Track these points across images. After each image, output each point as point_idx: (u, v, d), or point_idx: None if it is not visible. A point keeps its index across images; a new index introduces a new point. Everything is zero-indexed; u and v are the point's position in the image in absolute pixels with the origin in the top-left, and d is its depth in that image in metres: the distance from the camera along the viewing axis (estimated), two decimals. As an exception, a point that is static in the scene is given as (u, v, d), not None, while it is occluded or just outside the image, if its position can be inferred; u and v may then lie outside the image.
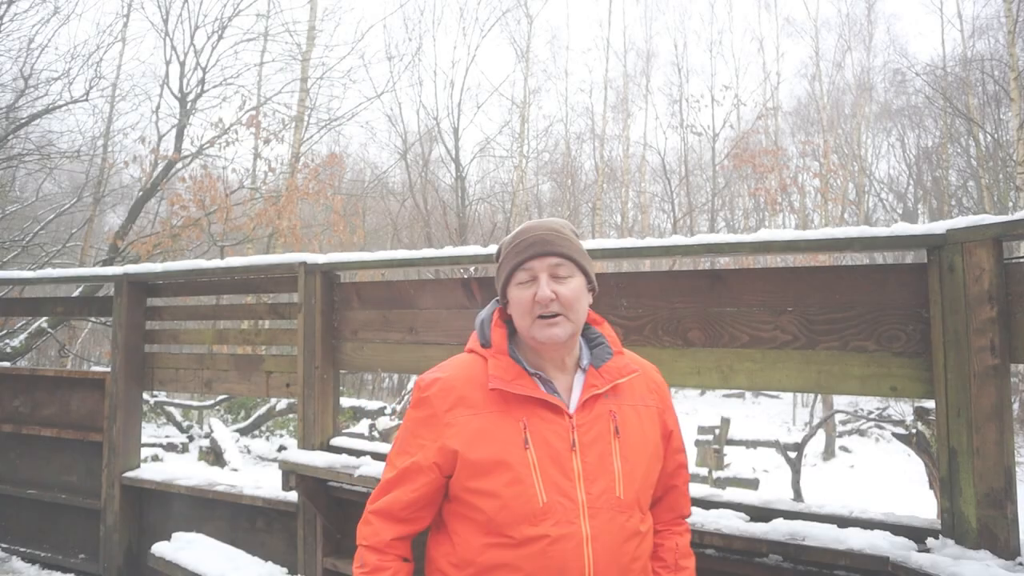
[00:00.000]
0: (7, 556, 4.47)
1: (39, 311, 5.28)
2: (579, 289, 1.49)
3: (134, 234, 10.65)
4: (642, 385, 1.58)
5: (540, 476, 1.40)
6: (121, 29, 12.89)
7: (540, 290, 1.44)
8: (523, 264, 1.48)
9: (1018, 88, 13.07)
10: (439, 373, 1.55)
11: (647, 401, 1.57)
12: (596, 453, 1.43)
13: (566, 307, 1.45)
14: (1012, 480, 2.04)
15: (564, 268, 1.48)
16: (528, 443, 1.41)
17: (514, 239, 1.53)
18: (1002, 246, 2.11)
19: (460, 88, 19.47)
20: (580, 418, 1.45)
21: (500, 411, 1.45)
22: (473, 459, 1.42)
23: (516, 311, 1.50)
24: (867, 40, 22.70)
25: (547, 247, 1.48)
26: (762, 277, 2.54)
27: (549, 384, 1.49)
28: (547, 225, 1.54)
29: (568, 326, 1.46)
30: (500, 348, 1.52)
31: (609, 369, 1.52)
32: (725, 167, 19.65)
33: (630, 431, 1.49)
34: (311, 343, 3.57)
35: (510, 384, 1.45)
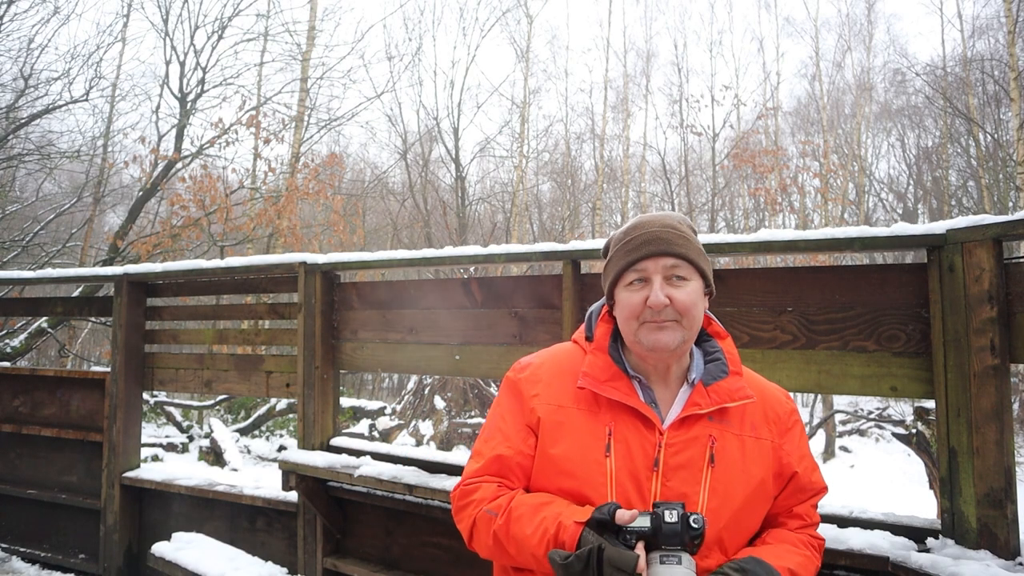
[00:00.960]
0: (7, 556, 4.47)
1: (39, 311, 5.28)
2: (696, 294, 1.34)
3: (134, 234, 10.65)
4: (758, 414, 1.39)
5: (615, 488, 1.27)
6: (121, 29, 12.89)
7: (653, 294, 1.30)
8: (635, 264, 1.33)
9: (1018, 88, 13.07)
10: (535, 359, 1.47)
11: (760, 433, 1.38)
12: (681, 479, 1.28)
13: (682, 314, 1.31)
14: (1012, 480, 2.04)
15: (682, 270, 1.33)
16: (610, 450, 1.30)
17: (625, 235, 1.39)
18: (1002, 246, 2.11)
19: (460, 88, 19.47)
20: (672, 436, 1.31)
21: (587, 410, 1.35)
22: (552, 453, 1.33)
23: (623, 315, 1.36)
24: (867, 40, 22.70)
25: (663, 246, 1.33)
26: (762, 277, 2.54)
27: (648, 391, 1.37)
28: (663, 221, 1.38)
29: (679, 333, 1.31)
30: (601, 344, 1.41)
31: (719, 389, 1.35)
32: (725, 167, 19.65)
33: (729, 462, 1.31)
34: (311, 343, 3.57)
35: (602, 385, 1.34)
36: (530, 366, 1.45)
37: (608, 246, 1.46)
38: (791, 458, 1.39)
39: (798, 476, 1.40)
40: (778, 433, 1.40)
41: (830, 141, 20.96)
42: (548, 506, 1.28)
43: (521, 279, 3.14)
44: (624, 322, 1.36)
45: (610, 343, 1.41)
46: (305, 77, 14.89)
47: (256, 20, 13.98)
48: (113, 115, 13.51)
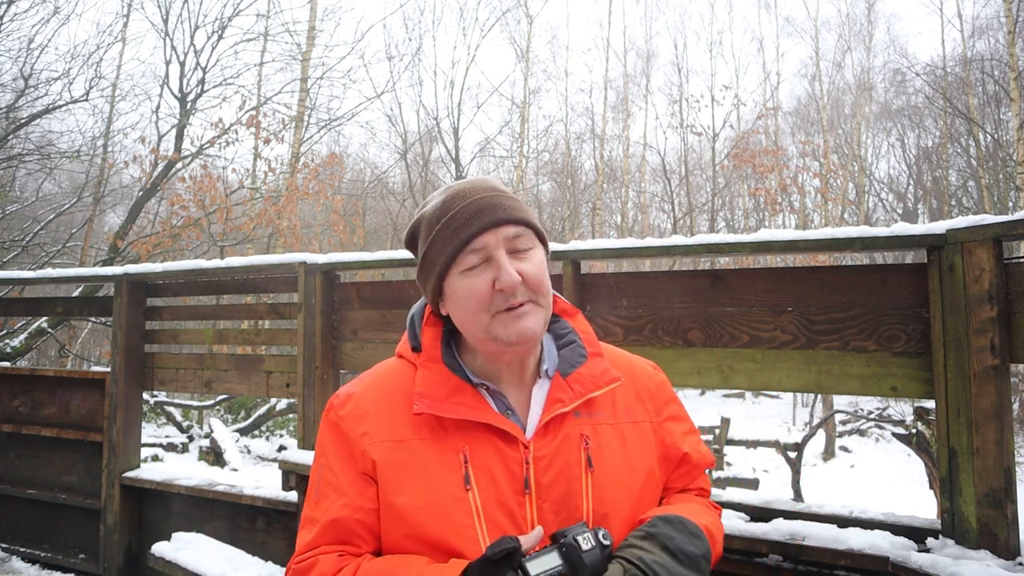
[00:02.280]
0: (7, 556, 4.47)
1: (39, 311, 5.28)
2: (543, 263, 1.11)
3: (134, 234, 10.66)
4: (629, 395, 1.19)
5: (485, 526, 1.04)
6: (121, 29, 12.90)
7: (503, 273, 1.04)
8: (470, 242, 1.06)
9: (1018, 88, 13.07)
10: (354, 387, 1.18)
11: (636, 416, 1.18)
12: (559, 495, 1.07)
13: (535, 289, 1.08)
14: (1012, 480, 2.04)
15: (525, 239, 1.10)
16: (469, 481, 1.05)
17: (444, 209, 1.11)
18: (1002, 246, 2.11)
19: (460, 88, 19.48)
20: (539, 447, 1.08)
21: (432, 439, 1.08)
22: (397, 503, 1.06)
23: (467, 308, 1.08)
24: (867, 40, 22.72)
25: (501, 213, 1.08)
26: (762, 277, 2.54)
27: (500, 398, 1.12)
28: (486, 184, 1.13)
29: (540, 314, 1.09)
30: (432, 354, 1.14)
31: (581, 378, 1.13)
32: (725, 167, 19.65)
33: (609, 461, 1.11)
34: (311, 343, 3.57)
35: (444, 404, 1.08)
36: (351, 398, 1.15)
37: (416, 230, 1.17)
38: (675, 436, 1.22)
39: (688, 456, 1.23)
40: (655, 411, 1.21)
41: (830, 141, 20.97)
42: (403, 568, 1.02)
43: (521, 279, 3.13)
44: (469, 317, 1.08)
45: (443, 349, 1.15)
46: (305, 77, 14.90)
47: (256, 20, 13.99)
48: (113, 115, 13.52)
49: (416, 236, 1.18)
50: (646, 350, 2.67)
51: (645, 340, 2.70)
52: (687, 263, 14.25)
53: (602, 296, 2.82)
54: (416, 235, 1.18)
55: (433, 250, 1.11)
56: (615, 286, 2.79)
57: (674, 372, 2.61)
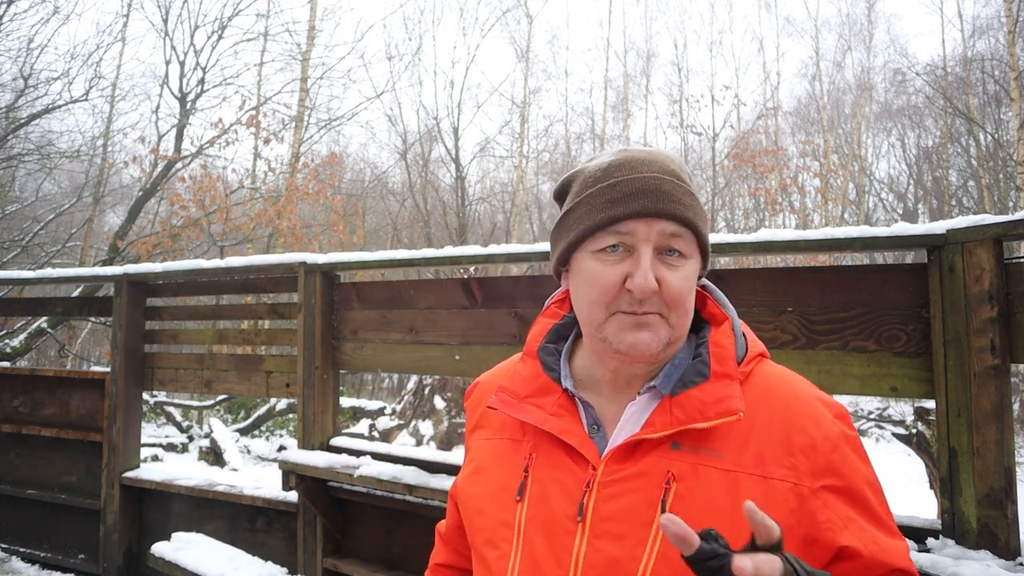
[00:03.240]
0: (7, 556, 4.47)
1: (39, 311, 5.28)
2: (693, 279, 0.93)
3: (134, 234, 10.66)
4: (773, 440, 0.89)
5: (521, 547, 0.91)
6: (121, 29, 12.90)
7: (638, 273, 0.87)
8: (618, 222, 0.89)
9: (1018, 88, 13.07)
10: (484, 376, 1.14)
11: (770, 469, 0.87)
12: (617, 535, 0.86)
13: (672, 306, 0.90)
14: (1012, 480, 2.04)
15: (682, 242, 0.91)
16: (524, 492, 0.93)
17: (608, 173, 0.93)
18: (1002, 246, 2.11)
19: (460, 88, 19.49)
20: (611, 472, 0.89)
21: (511, 439, 1.00)
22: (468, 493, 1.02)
23: (585, 293, 0.93)
24: (867, 40, 22.72)
25: (665, 203, 0.89)
26: (762, 277, 2.54)
27: (589, 409, 0.96)
28: (663, 163, 0.93)
29: (665, 332, 0.90)
30: (530, 347, 1.03)
31: (690, 401, 0.89)
32: (725, 167, 19.66)
33: (701, 515, 0.83)
34: (311, 343, 3.57)
35: (519, 404, 0.97)
36: (476, 387, 1.12)
37: (570, 183, 0.99)
38: (833, 515, 0.86)
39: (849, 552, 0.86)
40: (810, 471, 0.87)
41: (830, 141, 20.97)
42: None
43: (521, 279, 3.14)
44: (586, 305, 0.93)
45: (545, 342, 1.03)
46: (305, 77, 14.90)
47: (256, 20, 14.00)
48: (113, 115, 13.53)
49: (567, 189, 1.00)
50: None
51: (645, 340, 2.70)
52: (687, 263, 14.22)
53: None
54: (568, 188, 0.99)
55: (576, 213, 0.94)
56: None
57: (674, 372, 2.61)
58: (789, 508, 0.85)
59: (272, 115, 13.28)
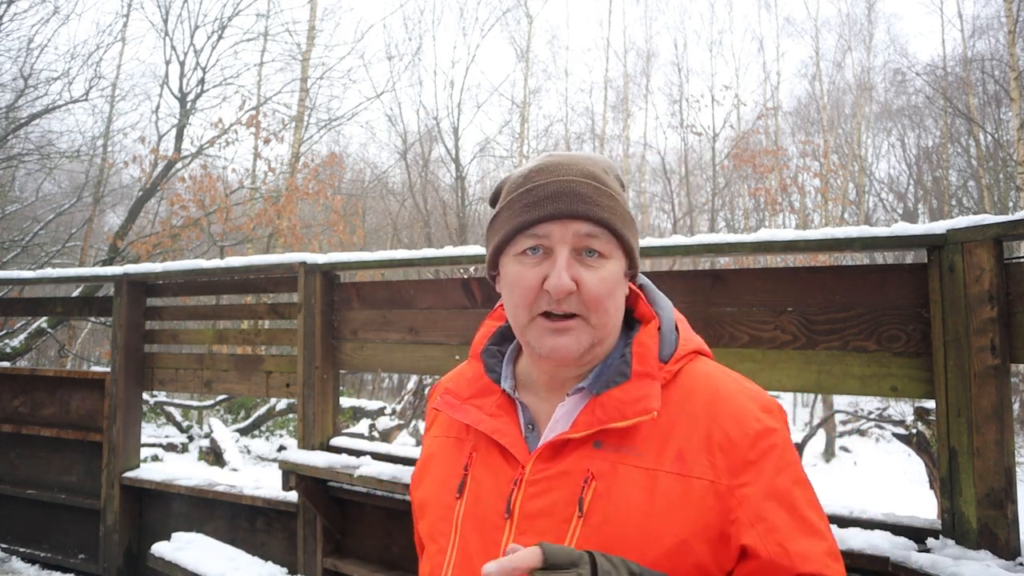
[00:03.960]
0: (7, 556, 4.47)
1: (39, 311, 5.28)
2: (615, 279, 0.93)
3: (134, 234, 10.67)
4: (693, 438, 0.89)
5: (457, 542, 0.94)
6: (121, 29, 12.90)
7: (553, 274, 0.89)
8: (534, 225, 0.92)
9: (1018, 88, 13.07)
10: (445, 377, 1.16)
11: (689, 467, 0.87)
12: (540, 533, 0.88)
13: (591, 307, 0.91)
14: (1012, 480, 2.04)
15: (600, 242, 0.92)
16: (463, 489, 0.96)
17: (527, 178, 0.96)
18: (1002, 246, 2.11)
19: (460, 88, 19.49)
20: (537, 471, 0.91)
21: (456, 436, 1.03)
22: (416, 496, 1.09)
23: (510, 297, 0.95)
24: (867, 40, 22.71)
25: (578, 205, 0.91)
26: (762, 277, 2.54)
27: (525, 409, 0.99)
28: (582, 166, 0.95)
29: (587, 336, 0.92)
30: (475, 349, 1.06)
31: (610, 401, 0.91)
32: (725, 167, 19.66)
33: (617, 514, 0.86)
34: (311, 343, 3.57)
35: (461, 406, 1.00)
36: (436, 388, 1.12)
37: (499, 191, 1.02)
38: (744, 515, 0.85)
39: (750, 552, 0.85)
40: (729, 468, 0.87)
41: (830, 141, 20.97)
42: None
43: (521, 279, 3.13)
44: (512, 309, 0.96)
45: (489, 344, 1.06)
46: (305, 77, 14.90)
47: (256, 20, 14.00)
48: (113, 115, 13.53)
49: (497, 196, 1.03)
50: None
51: (645, 340, 2.70)
52: (687, 263, 14.26)
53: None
54: (498, 194, 1.03)
55: (500, 218, 0.97)
56: (615, 286, 2.79)
57: (674, 372, 2.61)
58: (707, 505, 0.85)
59: (272, 115, 13.29)
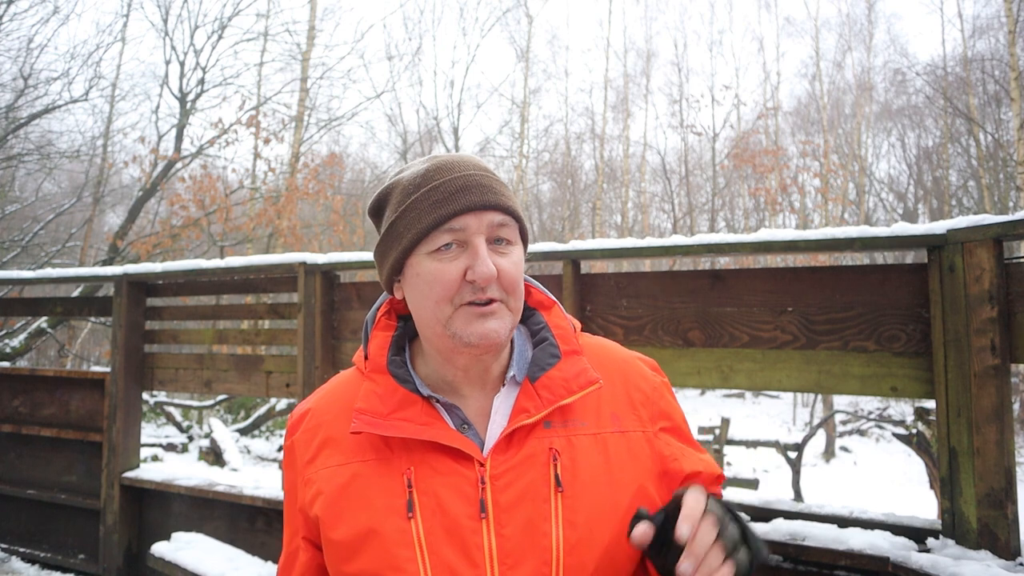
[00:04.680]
0: (6, 556, 4.47)
1: (39, 311, 5.28)
2: (522, 264, 1.00)
3: (134, 234, 10.68)
4: (618, 399, 1.02)
5: (428, 560, 0.90)
6: (121, 29, 12.90)
7: (479, 263, 0.91)
8: (450, 219, 0.93)
9: (1018, 88, 13.07)
10: (311, 401, 1.07)
11: (624, 423, 1.00)
12: (522, 520, 0.91)
13: (510, 290, 0.95)
14: (1012, 480, 2.04)
15: (509, 231, 0.96)
16: (413, 507, 0.91)
17: (426, 179, 0.96)
18: (1003, 246, 2.11)
19: (460, 88, 19.49)
20: (498, 464, 0.93)
21: (377, 458, 0.96)
22: (335, 538, 0.94)
23: (426, 294, 0.95)
24: (867, 40, 22.72)
25: (489, 196, 0.94)
26: (762, 277, 2.54)
27: (455, 412, 0.98)
28: (474, 162, 0.99)
29: (508, 319, 0.96)
30: (377, 363, 1.01)
31: (552, 382, 0.97)
32: (725, 167, 19.67)
33: (587, 478, 0.94)
34: (311, 343, 3.57)
35: (387, 421, 0.95)
36: (307, 415, 1.04)
37: (386, 197, 1.01)
38: (673, 449, 1.02)
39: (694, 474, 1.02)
40: (649, 418, 1.02)
41: (830, 141, 20.97)
42: None
43: (521, 279, 3.13)
44: (429, 307, 0.95)
45: (390, 356, 1.02)
46: (305, 77, 14.90)
47: (256, 20, 14.01)
48: (113, 115, 13.53)
49: (384, 204, 1.01)
50: (646, 350, 2.66)
51: (645, 340, 2.70)
52: (687, 263, 14.27)
53: (602, 296, 2.82)
54: (384, 203, 1.01)
55: (404, 221, 0.96)
56: (615, 286, 2.79)
57: (674, 372, 2.61)
58: (646, 453, 0.99)
59: (272, 115, 13.29)
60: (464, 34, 26.38)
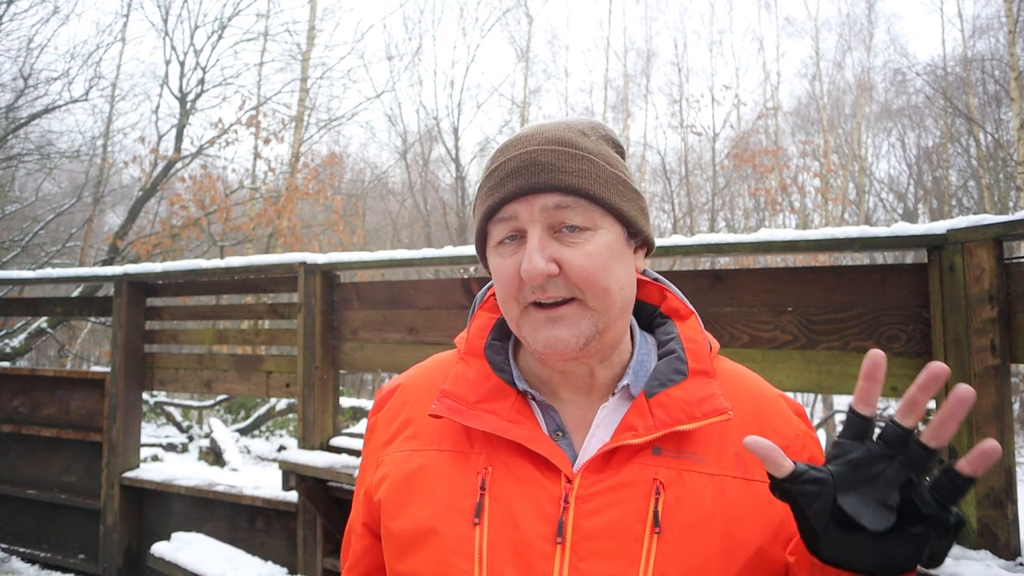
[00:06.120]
0: (7, 556, 4.47)
1: (39, 311, 5.28)
2: (608, 252, 0.81)
3: (134, 234, 10.68)
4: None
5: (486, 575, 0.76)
6: (121, 29, 12.90)
7: (524, 259, 0.79)
8: (499, 209, 0.82)
9: (1018, 88, 13.07)
10: (404, 377, 0.97)
11: (752, 471, 0.81)
12: (605, 556, 0.76)
13: (583, 286, 0.79)
14: (1012, 480, 2.04)
15: (575, 214, 0.80)
16: (481, 512, 0.79)
17: (493, 159, 0.86)
18: (1002, 246, 2.11)
19: (460, 88, 19.50)
20: (588, 484, 0.78)
21: (454, 450, 0.84)
22: (393, 528, 0.84)
23: (499, 292, 0.85)
24: (867, 40, 22.71)
25: (540, 176, 0.80)
26: (762, 277, 2.54)
27: (552, 414, 0.85)
28: (548, 133, 0.83)
29: (587, 322, 0.80)
30: (474, 346, 0.90)
31: (671, 401, 0.81)
32: (725, 167, 19.67)
33: (692, 524, 0.77)
34: (311, 343, 3.57)
35: (470, 410, 0.83)
36: (395, 392, 0.95)
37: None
38: None
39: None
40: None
41: (830, 141, 20.97)
42: None
43: (521, 279, 3.13)
44: (503, 307, 0.85)
45: (490, 339, 0.91)
46: (305, 77, 14.90)
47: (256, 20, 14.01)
48: (113, 115, 13.53)
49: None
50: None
51: (645, 340, 2.70)
52: (687, 263, 14.26)
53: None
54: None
55: (474, 211, 0.87)
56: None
57: (674, 372, 2.61)
58: (773, 511, 0.80)
59: (272, 115, 13.30)
60: (464, 34, 26.37)
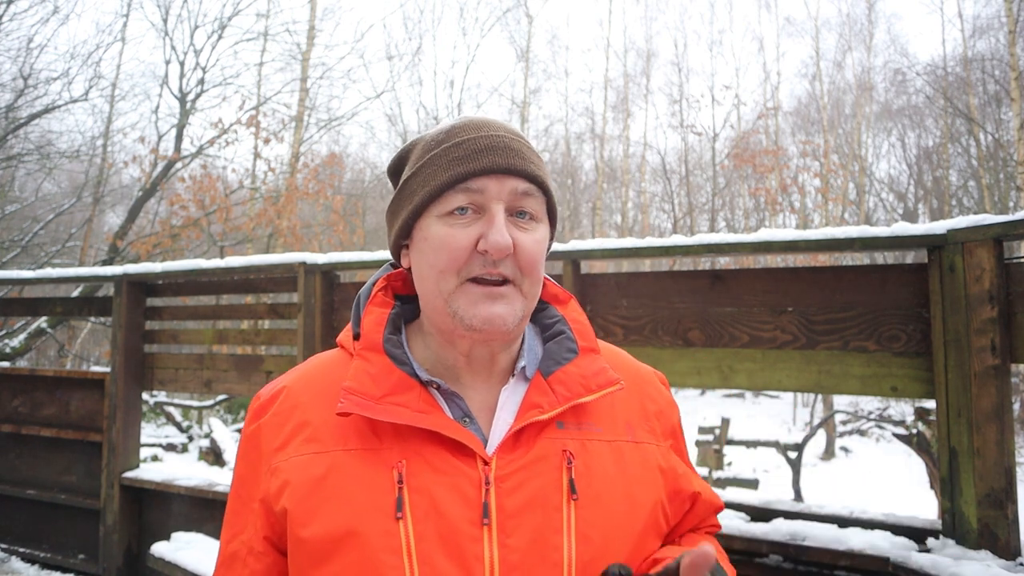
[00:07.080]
0: (6, 556, 4.47)
1: (39, 311, 5.28)
2: (545, 245, 0.88)
3: (134, 234, 10.68)
4: (632, 407, 0.93)
5: (417, 569, 0.77)
6: (121, 29, 12.90)
7: (493, 231, 0.81)
8: (468, 179, 0.83)
9: (1019, 88, 13.06)
10: (285, 379, 0.93)
11: (639, 435, 0.90)
12: (530, 529, 0.79)
13: (526, 271, 0.84)
14: (1012, 480, 2.04)
15: (533, 203, 0.85)
16: (402, 506, 0.79)
17: (450, 135, 0.87)
18: (1003, 246, 2.11)
19: (460, 88, 19.49)
20: (505, 464, 0.81)
21: (363, 447, 0.83)
22: (305, 536, 0.80)
23: (432, 262, 0.84)
24: (867, 40, 22.71)
25: (516, 160, 0.84)
26: (762, 277, 2.54)
27: (456, 401, 0.87)
28: (505, 125, 0.89)
29: (520, 305, 0.84)
30: (372, 340, 0.88)
31: (568, 378, 0.87)
32: (725, 167, 19.67)
33: (602, 488, 0.83)
34: (311, 343, 3.57)
35: (379, 404, 0.82)
36: (279, 396, 0.90)
37: (407, 154, 0.93)
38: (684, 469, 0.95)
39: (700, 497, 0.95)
40: (663, 433, 0.94)
41: (830, 141, 20.97)
42: None
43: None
44: (433, 276, 0.84)
45: (387, 334, 0.90)
46: (305, 77, 14.90)
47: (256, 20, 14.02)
48: (113, 115, 13.53)
49: (404, 161, 0.93)
50: (646, 350, 2.66)
51: (645, 340, 2.70)
52: (687, 263, 14.28)
53: (602, 296, 2.82)
54: (404, 160, 0.93)
55: (419, 178, 0.87)
56: (615, 286, 2.79)
57: (674, 372, 2.61)
58: (660, 468, 0.90)
59: (272, 115, 13.30)
60: (464, 34, 26.36)
